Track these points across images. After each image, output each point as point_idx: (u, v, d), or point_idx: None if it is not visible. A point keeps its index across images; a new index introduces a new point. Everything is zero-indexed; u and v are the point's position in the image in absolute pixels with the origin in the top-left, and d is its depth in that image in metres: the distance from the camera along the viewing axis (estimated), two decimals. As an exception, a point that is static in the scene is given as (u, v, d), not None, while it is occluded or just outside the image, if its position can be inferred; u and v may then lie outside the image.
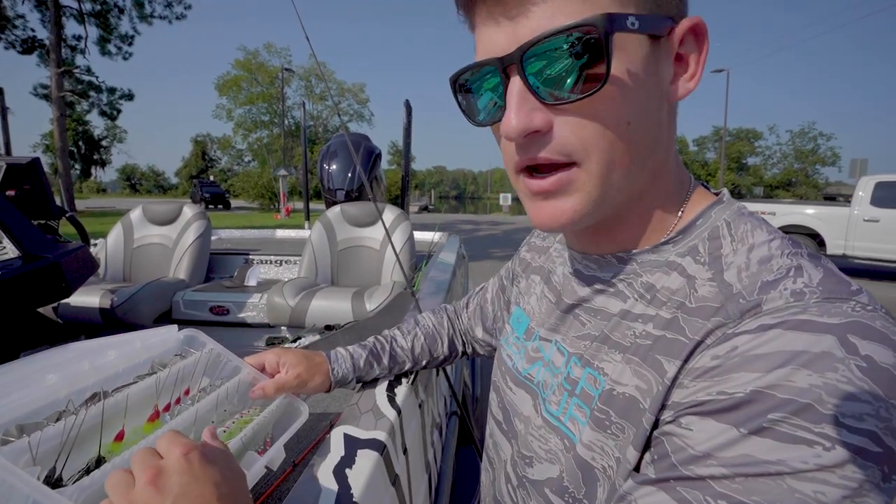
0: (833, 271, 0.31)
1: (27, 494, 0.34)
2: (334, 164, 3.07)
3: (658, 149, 0.36)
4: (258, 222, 15.58)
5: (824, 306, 0.28)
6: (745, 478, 0.26)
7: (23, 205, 1.65)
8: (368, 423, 0.58)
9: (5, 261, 1.50)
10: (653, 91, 0.34)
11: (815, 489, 0.25)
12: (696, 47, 0.35)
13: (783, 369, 0.26)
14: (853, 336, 0.26)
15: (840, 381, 0.25)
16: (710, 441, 0.28)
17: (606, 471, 0.36)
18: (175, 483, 0.31)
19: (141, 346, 0.55)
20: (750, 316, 0.30)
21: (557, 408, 0.42)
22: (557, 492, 0.40)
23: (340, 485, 0.47)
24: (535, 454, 0.44)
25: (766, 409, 0.26)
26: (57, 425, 0.41)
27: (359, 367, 0.68)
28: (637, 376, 0.35)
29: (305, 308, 2.03)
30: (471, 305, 0.76)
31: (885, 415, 0.25)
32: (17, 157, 1.73)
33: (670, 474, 0.29)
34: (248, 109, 27.98)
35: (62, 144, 13.82)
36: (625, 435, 0.35)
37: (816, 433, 0.25)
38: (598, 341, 0.40)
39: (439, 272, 1.76)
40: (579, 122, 0.33)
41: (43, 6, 14.58)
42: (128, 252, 2.64)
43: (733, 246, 0.35)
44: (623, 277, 0.41)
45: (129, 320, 2.12)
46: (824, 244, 7.23)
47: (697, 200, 0.40)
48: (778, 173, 35.44)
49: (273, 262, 2.82)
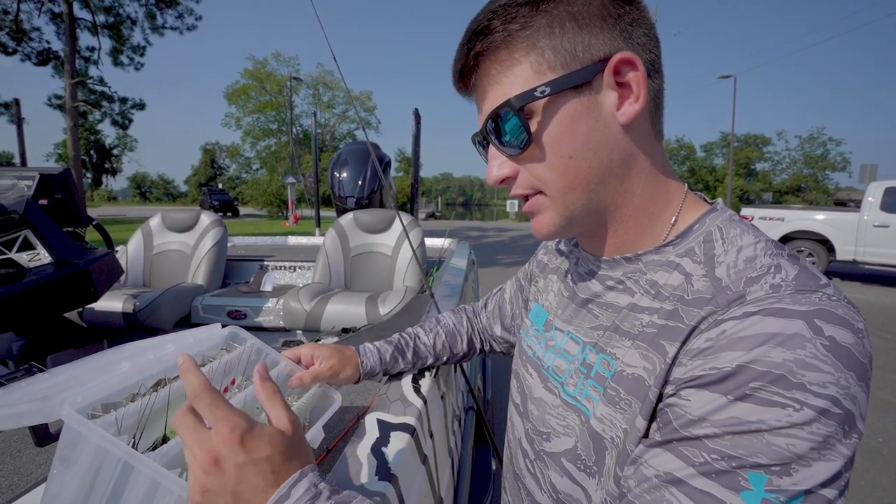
0: (807, 268, 0.37)
1: (119, 457, 0.39)
2: (345, 172, 3.13)
3: (614, 168, 0.43)
4: (267, 230, 15.74)
5: (796, 296, 0.34)
6: (732, 435, 0.32)
7: (54, 213, 1.73)
8: (398, 409, 0.63)
9: (39, 266, 1.58)
10: (594, 124, 0.41)
11: (788, 442, 0.30)
12: (634, 73, 0.40)
13: (762, 347, 0.32)
14: (819, 320, 0.32)
15: (808, 356, 0.31)
16: (704, 407, 0.33)
17: (615, 440, 0.42)
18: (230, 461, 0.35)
19: (193, 340, 0.60)
20: (736, 305, 0.35)
21: (574, 389, 0.48)
22: (572, 460, 0.46)
23: (379, 461, 0.52)
24: (553, 430, 0.50)
25: (748, 379, 0.32)
26: (133, 405, 0.46)
27: (385, 361, 0.74)
28: (644, 359, 0.41)
29: (321, 312, 2.09)
30: (489, 305, 0.82)
31: (844, 383, 0.31)
32: (50, 168, 1.81)
33: (672, 436, 0.35)
34: (256, 118, 28.30)
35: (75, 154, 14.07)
36: (632, 409, 0.40)
37: (788, 397, 0.31)
38: (609, 330, 0.46)
39: (452, 277, 1.81)
40: (532, 166, 0.44)
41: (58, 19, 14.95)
42: (148, 258, 2.72)
43: (724, 247, 0.41)
44: (630, 275, 0.47)
45: (151, 324, 2.18)
46: (834, 250, 7.18)
47: (691, 207, 0.46)
48: (787, 179, 35.20)
49: (287, 268, 2.89)
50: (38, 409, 0.44)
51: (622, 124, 0.41)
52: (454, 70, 0.47)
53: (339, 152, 3.22)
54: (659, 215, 0.46)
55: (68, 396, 0.43)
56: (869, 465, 2.26)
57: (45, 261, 1.58)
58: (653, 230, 0.46)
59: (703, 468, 0.32)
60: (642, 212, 0.46)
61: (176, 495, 0.39)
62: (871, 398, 2.98)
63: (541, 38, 0.40)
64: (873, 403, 2.98)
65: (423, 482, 0.61)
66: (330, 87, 28.93)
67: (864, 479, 2.16)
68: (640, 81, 0.40)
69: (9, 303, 1.37)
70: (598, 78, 0.41)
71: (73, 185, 1.84)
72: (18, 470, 0.68)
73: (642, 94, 0.40)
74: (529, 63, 0.41)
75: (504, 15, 0.41)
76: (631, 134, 0.43)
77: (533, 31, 0.40)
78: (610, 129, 0.42)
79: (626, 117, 0.41)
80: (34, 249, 1.57)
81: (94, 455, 0.40)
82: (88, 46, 16.39)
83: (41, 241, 1.57)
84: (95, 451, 0.40)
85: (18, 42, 15.09)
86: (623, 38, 0.41)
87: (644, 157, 0.44)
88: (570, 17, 0.40)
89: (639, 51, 0.41)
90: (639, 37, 0.41)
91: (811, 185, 33.51)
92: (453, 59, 0.46)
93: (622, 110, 0.41)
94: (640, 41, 0.41)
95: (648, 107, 0.43)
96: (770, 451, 0.30)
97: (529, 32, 0.41)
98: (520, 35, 0.41)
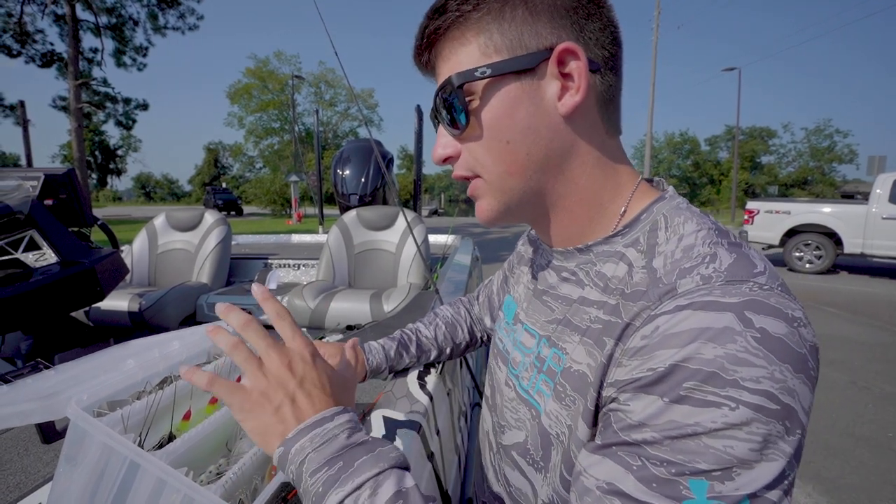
0: (745, 256, 0.36)
1: (125, 455, 0.39)
2: (347, 169, 3.13)
3: (554, 157, 0.43)
4: (270, 228, 15.77)
5: (726, 288, 0.33)
6: (671, 440, 0.30)
7: (59, 213, 1.73)
8: (404, 406, 0.63)
9: (45, 266, 1.58)
10: (534, 110, 0.41)
11: (725, 444, 0.29)
12: (577, 64, 0.40)
13: (693, 344, 0.31)
14: (749, 312, 0.31)
15: (739, 350, 0.30)
16: (643, 411, 0.32)
17: (560, 437, 0.42)
18: (301, 369, 0.39)
19: (199, 337, 0.60)
20: (668, 298, 0.35)
21: (528, 383, 0.48)
22: (521, 454, 0.47)
23: None
24: (508, 423, 0.51)
25: (682, 379, 0.31)
26: (139, 403, 0.46)
27: (390, 357, 0.73)
28: (589, 356, 0.40)
29: (325, 310, 2.09)
30: (480, 297, 0.82)
31: (779, 377, 0.30)
32: (54, 168, 1.82)
33: (613, 440, 0.34)
34: (258, 117, 28.29)
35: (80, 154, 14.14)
36: (575, 406, 0.40)
37: (722, 396, 0.29)
38: (561, 324, 0.46)
39: (456, 273, 1.81)
40: (472, 147, 0.44)
41: (61, 20, 15.01)
42: (153, 257, 2.74)
43: (667, 236, 0.40)
44: (582, 266, 0.46)
45: (156, 323, 2.19)
46: (842, 243, 7.12)
47: (641, 196, 0.45)
48: (793, 172, 34.84)
49: (291, 266, 2.89)
50: (44, 406, 0.44)
51: (563, 115, 0.41)
52: (413, 48, 0.47)
53: (341, 150, 3.21)
54: (607, 205, 0.45)
55: (74, 394, 0.43)
56: (879, 461, 2.25)
57: (51, 260, 1.59)
58: (601, 220, 0.45)
59: (644, 477, 0.31)
60: (588, 202, 0.45)
61: (182, 494, 0.38)
62: (881, 393, 2.97)
63: (491, 22, 0.41)
64: (883, 398, 2.95)
65: (429, 479, 0.61)
66: (332, 85, 28.91)
67: (873, 474, 2.14)
68: (581, 73, 0.39)
69: (16, 302, 1.38)
70: (543, 66, 0.40)
71: (77, 186, 1.84)
72: (26, 468, 0.68)
73: (582, 86, 0.40)
74: (478, 44, 0.41)
75: None
76: (573, 125, 0.42)
77: (485, 13, 0.41)
78: (550, 117, 0.41)
79: (566, 108, 0.41)
80: (40, 249, 1.58)
81: (101, 453, 0.40)
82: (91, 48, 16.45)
83: (47, 241, 1.58)
84: (102, 449, 0.40)
85: (23, 44, 15.17)
86: (574, 31, 0.40)
87: (589, 149, 0.43)
88: (523, 4, 0.40)
89: (589, 45, 0.41)
90: (592, 31, 0.41)
91: (817, 178, 33.20)
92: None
93: (563, 101, 0.41)
94: (592, 36, 0.41)
95: (598, 101, 0.42)
96: (709, 456, 0.29)
97: (481, 14, 0.41)
98: (472, 16, 0.41)
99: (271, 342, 0.39)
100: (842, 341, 4.03)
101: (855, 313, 5.04)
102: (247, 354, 0.39)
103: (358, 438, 0.37)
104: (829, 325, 4.54)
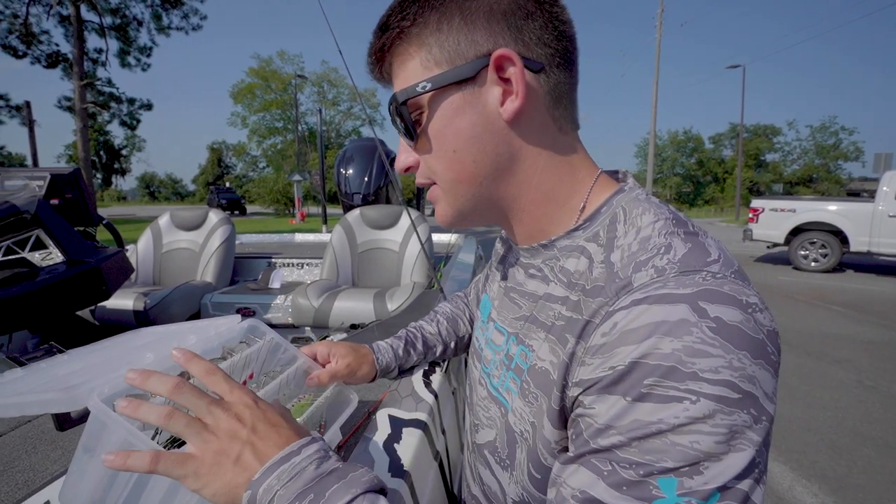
0: (701, 245, 0.35)
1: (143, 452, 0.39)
2: (351, 168, 3.13)
3: (502, 162, 0.43)
4: (274, 227, 15.82)
5: (679, 279, 0.32)
6: (638, 440, 0.30)
7: (65, 212, 1.74)
8: (409, 405, 0.63)
9: (51, 265, 1.59)
10: (476, 118, 0.41)
11: (691, 440, 0.29)
12: (514, 69, 0.39)
13: (651, 339, 0.30)
14: (703, 302, 0.31)
15: (695, 342, 0.29)
16: (608, 413, 0.32)
17: (524, 435, 0.42)
18: (249, 416, 0.37)
19: (214, 332, 0.60)
20: (624, 293, 0.34)
21: (498, 381, 0.48)
22: (491, 452, 0.47)
23: (391, 457, 0.52)
24: (481, 421, 0.51)
25: (642, 376, 0.30)
26: (158, 398, 0.46)
27: (399, 356, 0.73)
28: (552, 353, 0.40)
29: (329, 309, 2.09)
30: (471, 294, 0.83)
31: (737, 364, 0.29)
32: (60, 168, 1.83)
33: (584, 449, 0.33)
34: (262, 116, 28.40)
35: (85, 154, 14.23)
36: (538, 403, 0.40)
37: (683, 390, 0.29)
38: (528, 321, 0.46)
39: (460, 272, 1.81)
40: (425, 158, 0.45)
41: (66, 21, 15.10)
42: (157, 256, 2.75)
43: (625, 228, 0.39)
44: (547, 262, 0.46)
45: (161, 322, 2.20)
46: (848, 241, 7.06)
47: (600, 190, 0.45)
48: (798, 169, 34.63)
49: (295, 265, 2.90)
50: (65, 397, 0.44)
51: (507, 120, 0.41)
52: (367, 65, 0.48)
53: (344, 149, 3.21)
54: (566, 202, 0.45)
55: (96, 386, 0.43)
56: (886, 461, 2.23)
57: (58, 260, 1.60)
58: (562, 216, 0.45)
59: (615, 482, 0.31)
60: (544, 201, 0.45)
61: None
62: (888, 392, 2.95)
63: (430, 35, 0.41)
64: (890, 397, 2.93)
65: (436, 479, 0.61)
66: (335, 84, 28.97)
67: (880, 474, 2.12)
68: (518, 78, 0.39)
69: (22, 301, 1.39)
70: (483, 74, 0.40)
71: (83, 185, 1.85)
72: (34, 466, 0.68)
73: (521, 91, 0.39)
74: (420, 59, 0.42)
75: (400, 12, 0.42)
76: (519, 129, 0.42)
77: (422, 27, 0.41)
78: (493, 124, 0.41)
79: (508, 113, 0.40)
80: (46, 248, 1.59)
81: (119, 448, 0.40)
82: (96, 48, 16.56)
83: (53, 240, 1.59)
84: (120, 444, 0.40)
85: (28, 45, 15.27)
86: (512, 34, 0.40)
87: (539, 150, 0.43)
88: (459, 13, 0.40)
89: (530, 46, 0.40)
90: (532, 31, 0.40)
91: (823, 176, 32.98)
92: None
93: (505, 106, 0.40)
94: (533, 36, 0.40)
95: (546, 100, 0.42)
96: (676, 453, 0.29)
97: (419, 30, 0.41)
98: (411, 31, 0.41)
99: (210, 399, 0.37)
100: (848, 340, 4.00)
101: (861, 312, 5.01)
102: (186, 420, 0.36)
103: (327, 468, 0.36)
104: (835, 324, 4.51)
